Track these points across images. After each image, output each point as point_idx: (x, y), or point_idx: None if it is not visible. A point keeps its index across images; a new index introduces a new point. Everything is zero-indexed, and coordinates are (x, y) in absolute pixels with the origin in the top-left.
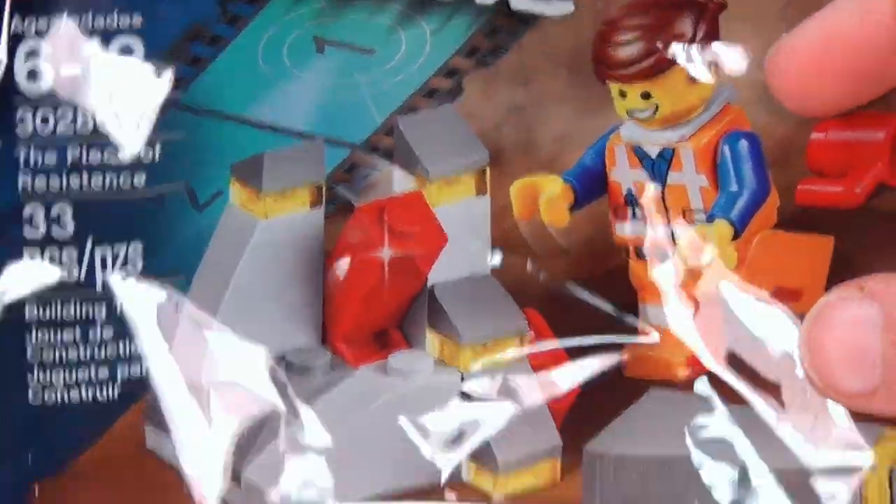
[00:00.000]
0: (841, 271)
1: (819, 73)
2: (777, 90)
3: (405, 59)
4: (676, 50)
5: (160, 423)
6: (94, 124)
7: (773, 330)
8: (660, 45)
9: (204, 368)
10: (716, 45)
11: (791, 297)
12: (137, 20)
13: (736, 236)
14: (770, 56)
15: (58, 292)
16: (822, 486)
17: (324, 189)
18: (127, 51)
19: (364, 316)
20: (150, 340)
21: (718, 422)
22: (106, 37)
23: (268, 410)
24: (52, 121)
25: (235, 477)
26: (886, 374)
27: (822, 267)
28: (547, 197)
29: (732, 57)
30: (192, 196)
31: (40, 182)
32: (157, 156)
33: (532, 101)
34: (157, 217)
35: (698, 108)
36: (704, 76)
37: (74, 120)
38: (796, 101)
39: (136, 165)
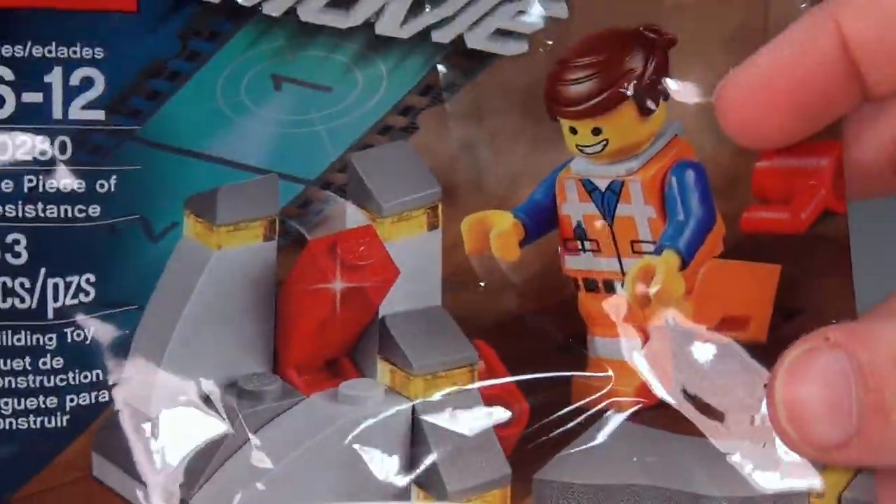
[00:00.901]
0: (787, 298)
1: (766, 107)
2: (726, 124)
3: (361, 97)
4: (627, 86)
5: (108, 452)
6: (52, 153)
7: (719, 360)
8: (610, 82)
9: (153, 398)
10: (666, 81)
11: (738, 325)
12: (99, 53)
13: (683, 266)
14: (718, 90)
15: (9, 321)
16: None
17: (277, 223)
18: (88, 83)
19: (316, 345)
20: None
21: (668, 451)
22: (68, 66)
23: (217, 437)
24: (10, 148)
25: None
26: (861, 422)
27: (768, 295)
28: (497, 232)
29: (683, 91)
30: (147, 227)
31: None
32: (112, 187)
33: (485, 139)
34: (112, 248)
35: (647, 142)
36: (655, 112)
37: (32, 148)
38: (745, 134)
39: (91, 196)
